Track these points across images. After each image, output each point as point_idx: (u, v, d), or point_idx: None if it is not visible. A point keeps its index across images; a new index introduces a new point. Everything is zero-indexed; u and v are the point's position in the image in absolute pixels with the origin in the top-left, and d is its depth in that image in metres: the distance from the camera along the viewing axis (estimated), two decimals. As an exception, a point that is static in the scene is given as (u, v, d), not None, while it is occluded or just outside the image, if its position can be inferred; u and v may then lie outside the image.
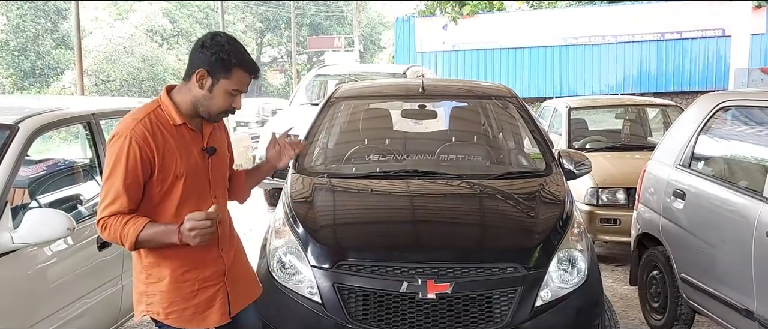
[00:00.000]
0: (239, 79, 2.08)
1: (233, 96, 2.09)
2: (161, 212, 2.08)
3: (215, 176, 2.21)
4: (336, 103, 4.29)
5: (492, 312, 2.75)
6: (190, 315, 2.16)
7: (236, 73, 2.07)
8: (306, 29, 41.21)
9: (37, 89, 26.79)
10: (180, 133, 2.10)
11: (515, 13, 18.48)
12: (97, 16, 29.67)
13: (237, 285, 2.29)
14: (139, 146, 2.00)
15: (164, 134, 2.06)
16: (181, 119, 2.10)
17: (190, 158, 2.11)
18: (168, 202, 2.08)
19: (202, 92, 2.08)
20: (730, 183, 3.49)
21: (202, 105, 2.10)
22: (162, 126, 2.06)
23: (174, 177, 2.07)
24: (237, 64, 2.06)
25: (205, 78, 2.06)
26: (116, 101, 4.83)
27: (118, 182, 1.99)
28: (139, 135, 2.01)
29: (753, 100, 3.68)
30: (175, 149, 2.07)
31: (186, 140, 2.12)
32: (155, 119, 2.07)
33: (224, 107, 2.10)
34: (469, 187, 3.57)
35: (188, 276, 2.14)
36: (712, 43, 16.30)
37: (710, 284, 3.47)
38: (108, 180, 2.01)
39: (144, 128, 2.02)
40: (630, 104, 7.81)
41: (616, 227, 5.39)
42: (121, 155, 1.99)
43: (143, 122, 2.04)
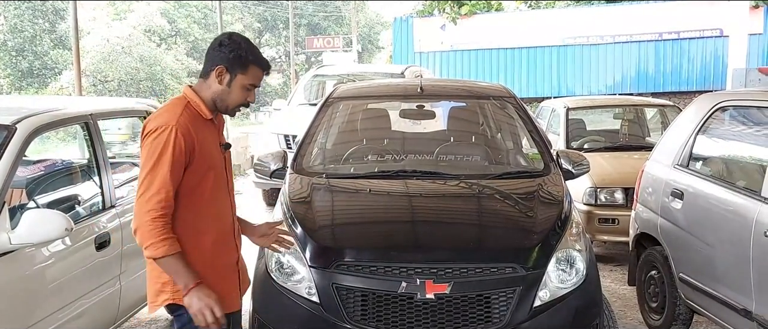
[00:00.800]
0: (254, 75, 2.24)
1: (249, 91, 2.25)
2: (191, 202, 2.18)
3: (229, 171, 2.38)
4: (334, 103, 4.29)
5: (490, 313, 2.75)
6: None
7: (252, 69, 2.22)
8: (304, 29, 41.17)
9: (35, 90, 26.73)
10: (207, 127, 2.26)
11: (513, 13, 18.48)
12: (95, 17, 29.60)
13: (243, 274, 2.45)
14: (183, 137, 2.12)
15: (198, 127, 2.20)
16: (210, 114, 2.25)
17: (215, 151, 2.28)
18: (198, 192, 2.20)
19: (221, 87, 2.22)
20: (729, 183, 3.49)
21: (221, 100, 2.24)
22: (197, 120, 2.21)
23: (206, 168, 2.21)
24: (253, 61, 2.23)
25: (224, 74, 2.21)
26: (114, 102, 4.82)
27: (164, 172, 2.08)
28: (183, 127, 2.13)
29: (751, 100, 3.69)
30: (206, 142, 2.23)
31: (210, 134, 2.27)
32: (189, 112, 2.21)
33: (240, 101, 2.25)
34: (467, 187, 3.57)
35: (218, 263, 2.27)
36: (709, 43, 16.31)
37: (708, 284, 3.48)
38: (153, 170, 2.09)
39: (186, 121, 2.16)
40: (628, 104, 7.82)
41: (614, 227, 5.39)
42: (168, 146, 2.09)
43: (183, 115, 2.17)
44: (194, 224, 2.20)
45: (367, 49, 41.99)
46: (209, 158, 2.22)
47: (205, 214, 2.22)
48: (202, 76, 2.24)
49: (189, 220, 2.18)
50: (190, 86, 2.27)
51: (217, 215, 2.27)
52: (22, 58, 27.87)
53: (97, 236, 3.17)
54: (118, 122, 6.27)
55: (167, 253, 2.07)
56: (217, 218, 2.28)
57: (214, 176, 2.25)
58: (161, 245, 2.06)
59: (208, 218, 2.23)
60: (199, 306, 2.06)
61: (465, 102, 4.70)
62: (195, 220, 2.20)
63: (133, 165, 4.35)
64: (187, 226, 2.18)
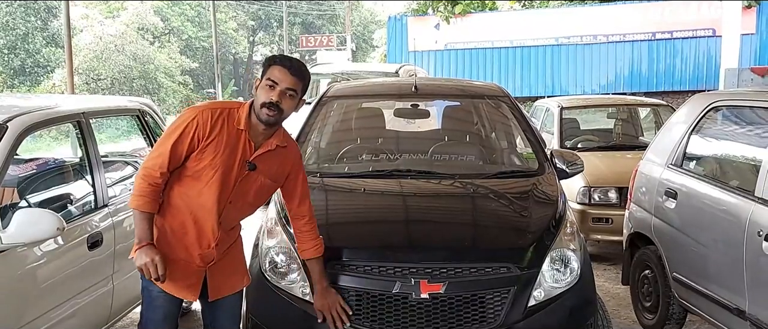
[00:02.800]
0: (273, 72, 2.38)
1: (270, 88, 2.36)
2: (186, 185, 2.40)
3: (241, 188, 2.45)
4: (328, 102, 4.27)
5: (485, 312, 2.75)
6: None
7: (272, 68, 2.39)
8: (298, 28, 41.12)
9: (27, 88, 26.55)
10: (238, 136, 2.40)
11: (507, 12, 18.52)
12: (88, 14, 29.43)
13: (219, 275, 2.54)
14: (197, 123, 2.34)
15: (223, 129, 2.37)
16: (245, 126, 2.40)
17: (231, 159, 2.39)
18: (197, 180, 2.38)
19: (255, 93, 2.42)
20: (722, 183, 3.50)
21: (255, 105, 2.40)
22: (227, 122, 2.38)
23: (209, 164, 2.36)
24: (273, 62, 2.42)
25: (256, 82, 2.44)
26: (107, 100, 4.79)
27: (169, 143, 2.34)
28: (203, 117, 2.35)
29: (744, 100, 3.70)
30: (224, 145, 2.36)
31: (239, 144, 2.40)
32: (228, 114, 2.40)
33: (263, 98, 2.36)
34: (461, 186, 3.57)
35: (179, 244, 2.44)
36: (702, 43, 16.40)
37: (702, 283, 3.49)
38: (163, 140, 2.37)
39: (211, 114, 2.36)
40: (622, 104, 7.83)
41: (608, 226, 5.40)
42: (183, 124, 2.35)
43: (214, 110, 2.39)
44: (177, 202, 2.42)
45: (361, 48, 41.96)
46: (217, 159, 2.35)
47: (190, 198, 2.40)
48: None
49: (175, 197, 2.42)
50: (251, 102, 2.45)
51: (201, 207, 2.40)
52: (14, 56, 27.71)
53: (89, 235, 3.15)
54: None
55: (138, 208, 2.34)
56: (200, 209, 2.41)
57: (215, 177, 2.36)
58: (137, 199, 2.34)
59: (191, 203, 2.41)
60: (142, 262, 2.30)
61: (459, 101, 4.69)
62: (180, 199, 2.41)
63: (125, 164, 4.32)
64: (171, 198, 2.42)
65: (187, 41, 34.46)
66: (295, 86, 2.38)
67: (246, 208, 2.55)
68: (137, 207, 2.34)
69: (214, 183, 2.37)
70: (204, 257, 2.47)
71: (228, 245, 2.56)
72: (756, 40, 15.98)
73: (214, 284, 2.54)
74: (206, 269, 2.51)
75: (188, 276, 2.48)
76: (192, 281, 2.50)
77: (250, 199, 2.52)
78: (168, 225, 2.44)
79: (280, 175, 2.56)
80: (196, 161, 2.36)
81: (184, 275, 2.47)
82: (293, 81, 2.37)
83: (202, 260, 2.48)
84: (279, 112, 2.37)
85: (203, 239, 2.45)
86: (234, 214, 2.51)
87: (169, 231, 2.44)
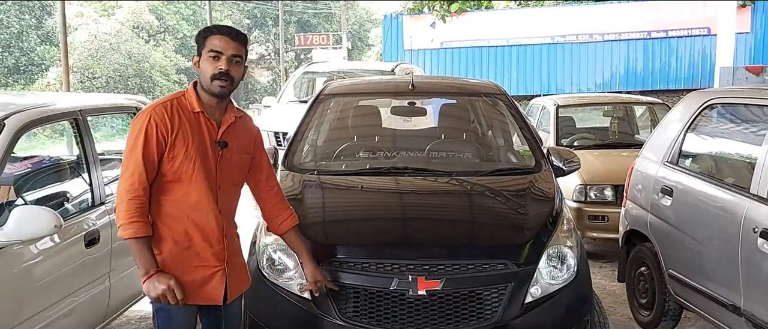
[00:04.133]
0: (213, 42, 2.29)
1: (215, 59, 2.28)
2: (171, 189, 2.30)
3: (223, 169, 2.37)
4: (325, 100, 4.27)
5: (482, 309, 2.76)
6: (187, 290, 2.29)
7: (209, 39, 2.30)
8: (293, 26, 41.04)
9: (22, 86, 26.44)
10: (197, 120, 2.32)
11: (503, 11, 18.53)
12: (83, 12, 29.34)
13: (234, 274, 2.44)
14: (155, 123, 2.24)
15: (182, 118, 2.29)
16: (199, 107, 2.32)
17: (202, 145, 2.31)
18: (179, 181, 2.29)
19: (198, 71, 2.32)
20: (717, 180, 3.52)
21: (201, 82, 2.33)
22: (182, 111, 2.30)
23: (184, 158, 2.27)
24: (208, 33, 2.32)
25: (196, 59, 2.34)
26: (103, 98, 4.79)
27: (137, 155, 2.22)
28: (158, 114, 2.26)
29: (739, 97, 3.71)
30: (189, 133, 2.28)
31: (202, 128, 2.32)
32: (177, 104, 2.31)
33: (210, 71, 2.28)
34: (458, 184, 3.57)
35: (188, 253, 2.32)
36: (697, 42, 16.44)
37: (697, 280, 3.50)
38: (129, 153, 2.25)
39: (163, 109, 2.28)
40: (617, 102, 7.85)
41: (604, 224, 5.42)
42: (141, 131, 2.24)
43: (164, 104, 2.30)
44: (170, 209, 2.30)
45: (357, 47, 41.92)
46: (190, 149, 2.27)
47: (182, 202, 2.30)
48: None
49: (166, 205, 2.31)
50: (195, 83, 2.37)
51: (195, 205, 2.31)
52: (9, 54, 27.59)
53: (86, 233, 3.14)
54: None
55: (133, 236, 2.20)
56: (195, 210, 2.31)
57: (196, 168, 2.29)
58: (129, 227, 2.20)
59: (184, 208, 2.30)
60: (158, 291, 2.20)
61: (456, 99, 4.70)
62: (172, 206, 2.30)
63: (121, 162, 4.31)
64: (163, 209, 2.30)
65: (183, 40, 34.34)
66: (239, 52, 2.31)
67: (233, 189, 2.46)
68: (132, 235, 2.19)
69: (197, 176, 2.29)
70: (218, 255, 2.37)
71: (234, 237, 2.48)
72: (751, 39, 16.03)
73: (232, 283, 2.43)
74: (225, 267, 2.39)
75: (209, 280, 2.36)
76: (215, 283, 2.37)
77: (234, 179, 2.44)
78: (171, 241, 2.31)
79: (249, 145, 2.49)
80: (170, 161, 2.26)
81: (204, 280, 2.35)
82: (236, 46, 2.29)
83: (217, 259, 2.37)
84: (230, 81, 2.29)
85: (211, 237, 2.35)
86: (227, 199, 2.42)
87: (175, 246, 2.31)
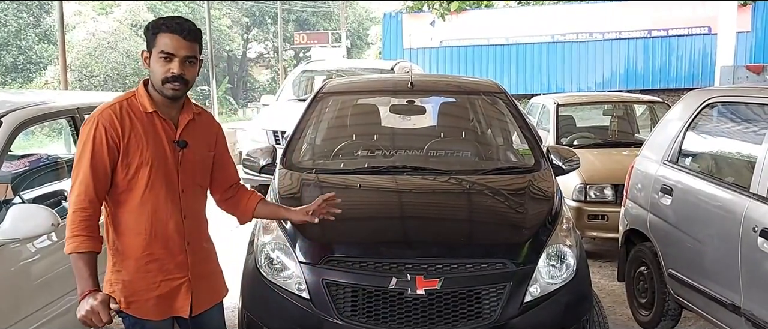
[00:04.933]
0: (163, 42, 2.10)
1: (166, 61, 2.10)
2: (127, 199, 2.13)
3: (185, 170, 2.21)
4: (324, 98, 4.26)
5: (481, 308, 2.75)
6: (151, 305, 2.18)
7: (159, 37, 2.10)
8: (292, 25, 41.00)
9: (20, 85, 26.42)
10: (151, 121, 2.15)
11: (503, 9, 18.52)
12: (80, 11, 29.28)
13: (201, 283, 2.27)
14: (104, 128, 2.07)
15: (133, 121, 2.11)
16: (152, 107, 2.15)
17: (159, 147, 2.14)
18: (134, 189, 2.12)
19: (148, 69, 2.14)
20: (718, 179, 3.51)
21: (152, 83, 2.15)
22: (132, 113, 2.13)
23: (139, 163, 2.11)
24: (158, 29, 2.11)
25: (145, 57, 2.15)
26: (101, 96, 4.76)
27: (85, 164, 2.05)
28: (105, 119, 2.08)
29: (740, 96, 3.70)
30: (143, 136, 2.11)
31: (157, 129, 2.15)
32: (127, 106, 2.14)
33: (162, 75, 2.11)
34: (457, 183, 3.56)
35: (151, 267, 2.16)
36: (698, 41, 16.44)
37: (697, 279, 3.49)
38: (77, 163, 2.08)
39: (112, 113, 2.10)
40: (617, 101, 7.84)
41: (603, 223, 5.40)
42: (89, 139, 2.06)
43: (113, 107, 2.11)
44: (128, 221, 2.14)
45: (356, 45, 41.90)
46: (144, 153, 2.10)
47: (139, 212, 2.13)
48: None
49: (123, 217, 2.14)
50: (146, 82, 2.19)
51: (153, 214, 2.13)
52: (6, 52, 27.55)
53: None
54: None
55: (73, 250, 2.02)
56: (154, 218, 2.13)
57: (154, 173, 2.12)
58: (70, 242, 2.02)
59: (142, 217, 2.13)
60: (80, 315, 2.00)
61: (455, 98, 4.68)
62: (129, 218, 2.14)
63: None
64: (121, 223, 2.15)
65: (182, 38, 34.27)
66: (193, 51, 2.12)
67: (198, 190, 2.29)
68: (74, 250, 2.00)
69: (155, 182, 2.12)
70: (180, 265, 2.21)
71: (201, 244, 2.29)
72: (751, 38, 16.04)
73: (199, 294, 2.25)
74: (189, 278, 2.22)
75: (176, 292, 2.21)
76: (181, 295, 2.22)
77: (198, 179, 2.28)
78: (132, 258, 2.15)
79: (211, 143, 2.34)
80: (124, 168, 2.09)
81: (172, 293, 2.20)
82: (189, 46, 2.10)
83: (180, 269, 2.20)
84: (184, 83, 2.12)
85: (172, 246, 2.18)
86: (192, 202, 2.24)
87: (136, 262, 2.15)
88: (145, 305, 2.17)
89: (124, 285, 2.15)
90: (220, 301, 2.40)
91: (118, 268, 2.16)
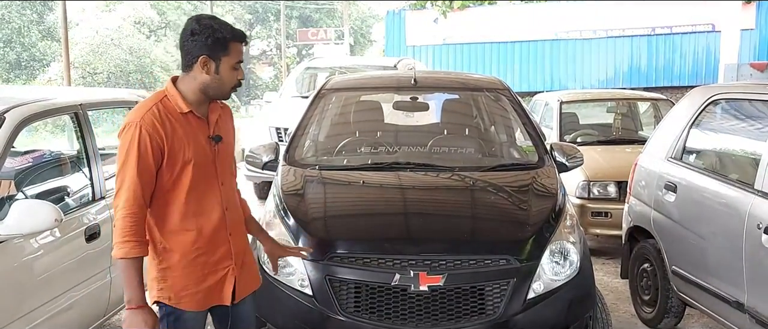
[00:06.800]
0: (236, 51, 2.17)
1: (237, 69, 2.18)
2: (172, 199, 2.17)
3: (222, 164, 2.28)
4: (327, 94, 4.25)
5: (484, 305, 2.74)
6: (201, 297, 2.24)
7: (232, 46, 2.15)
8: (295, 22, 40.97)
9: (23, 81, 26.48)
10: (187, 120, 2.18)
11: (506, 6, 18.45)
12: (84, 8, 29.31)
13: (244, 272, 2.35)
14: (148, 133, 2.07)
15: (172, 122, 2.13)
16: (187, 107, 2.17)
17: (198, 145, 2.18)
18: (178, 188, 2.16)
19: (210, 76, 2.15)
20: (722, 176, 3.50)
21: (213, 88, 2.18)
22: (170, 114, 2.14)
23: (183, 163, 2.14)
24: (231, 38, 2.15)
25: (209, 63, 2.14)
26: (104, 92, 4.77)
27: (131, 170, 2.06)
28: (148, 123, 2.09)
29: (744, 93, 3.69)
30: (183, 136, 2.15)
31: (193, 127, 2.19)
32: (163, 107, 2.14)
33: (233, 82, 2.19)
34: (461, 179, 3.56)
35: (199, 261, 2.21)
36: (702, 38, 16.37)
37: (701, 276, 3.48)
38: (121, 169, 2.08)
39: (152, 117, 2.10)
40: (621, 98, 7.82)
41: (607, 220, 5.39)
42: (133, 144, 2.07)
43: (151, 111, 2.12)
44: (174, 219, 2.17)
45: (359, 43, 41.87)
46: (186, 153, 2.14)
47: (186, 211, 2.17)
48: (185, 69, 2.17)
49: (170, 217, 2.17)
50: (173, 80, 2.21)
51: (200, 211, 2.19)
52: (10, 49, 27.60)
53: (86, 227, 3.13)
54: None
55: (124, 256, 2.06)
56: (201, 215, 2.19)
57: (196, 170, 2.16)
58: (120, 247, 2.06)
59: (189, 216, 2.18)
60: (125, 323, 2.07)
61: (459, 94, 4.67)
62: (175, 216, 2.17)
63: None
64: (168, 222, 2.18)
65: (184, 35, 34.31)
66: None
67: (232, 181, 2.36)
68: (125, 255, 2.04)
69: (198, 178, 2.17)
70: (225, 255, 2.27)
71: (241, 232, 2.37)
72: (755, 36, 15.96)
73: (240, 281, 2.33)
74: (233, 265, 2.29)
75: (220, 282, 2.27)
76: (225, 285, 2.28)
77: (231, 170, 2.35)
78: (179, 253, 2.19)
79: (232, 132, 2.40)
80: (169, 170, 2.13)
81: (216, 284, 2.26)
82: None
83: (224, 259, 2.27)
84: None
85: (217, 238, 2.24)
86: (230, 194, 2.32)
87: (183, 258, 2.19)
88: (194, 298, 2.23)
89: (173, 282, 2.20)
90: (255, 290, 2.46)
91: (165, 265, 2.19)
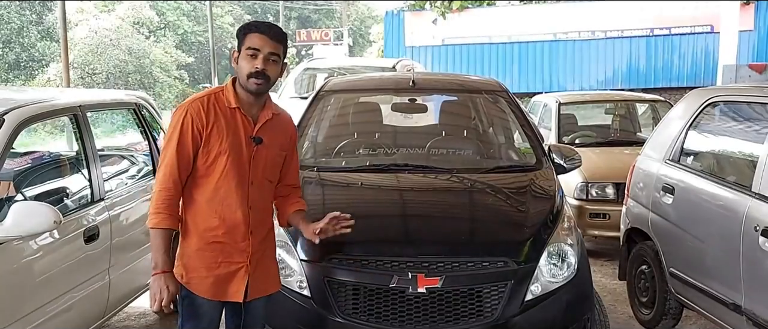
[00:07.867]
0: (252, 40, 2.31)
1: (252, 57, 2.29)
2: (203, 184, 2.33)
3: (257, 165, 2.38)
4: (326, 96, 4.26)
5: (482, 307, 2.75)
6: (209, 284, 2.35)
7: (249, 36, 2.32)
8: (294, 22, 40.99)
9: (22, 82, 26.43)
10: (233, 115, 2.34)
11: (505, 7, 18.46)
12: (83, 8, 29.26)
13: (258, 273, 2.43)
14: (192, 117, 2.28)
15: (217, 113, 2.32)
16: (236, 103, 2.34)
17: (236, 140, 2.33)
18: (211, 175, 2.32)
19: (236, 66, 2.35)
20: (719, 178, 3.51)
21: (239, 79, 2.35)
22: (219, 106, 2.33)
23: (218, 152, 2.30)
24: (248, 30, 2.34)
25: (235, 54, 2.36)
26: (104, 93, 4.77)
27: (172, 148, 2.28)
28: (194, 109, 2.30)
29: (742, 95, 3.70)
30: (225, 128, 2.31)
31: (237, 123, 2.34)
32: (214, 99, 2.35)
33: (247, 69, 2.30)
34: (459, 181, 3.56)
35: (213, 247, 2.34)
36: (700, 39, 16.38)
37: (698, 278, 3.49)
38: (166, 146, 2.31)
39: (200, 104, 2.31)
40: (619, 100, 7.83)
41: (605, 222, 5.41)
42: (177, 125, 2.29)
43: (201, 99, 2.34)
44: (201, 203, 2.33)
45: (358, 43, 41.88)
46: (223, 143, 2.29)
47: (212, 197, 2.32)
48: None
49: (198, 199, 2.34)
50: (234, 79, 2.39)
51: (225, 203, 2.32)
52: (9, 50, 27.56)
53: (85, 229, 3.14)
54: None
55: (154, 226, 2.25)
56: (224, 204, 2.32)
57: (229, 163, 2.30)
58: (153, 217, 2.26)
59: (214, 202, 2.32)
60: (155, 290, 2.24)
61: (457, 96, 4.68)
62: (202, 200, 2.33)
63: (122, 158, 4.31)
64: (195, 204, 2.34)
65: (183, 36, 34.29)
66: (277, 50, 2.32)
67: (266, 185, 2.45)
68: (155, 225, 2.25)
69: (229, 171, 2.30)
70: (243, 251, 2.36)
71: (263, 235, 2.45)
72: (754, 37, 15.96)
73: (254, 281, 2.41)
74: (247, 263, 2.38)
75: (232, 277, 2.37)
76: (237, 280, 2.37)
77: (268, 174, 2.44)
78: (196, 235, 2.34)
79: (285, 143, 2.49)
80: (204, 155, 2.30)
81: (229, 277, 2.37)
82: (274, 45, 2.31)
83: (241, 255, 2.37)
84: (266, 79, 2.31)
85: (236, 233, 2.34)
86: (259, 196, 2.40)
87: (199, 240, 2.34)
88: (202, 282, 2.34)
89: (187, 262, 2.36)
90: (270, 294, 2.53)
91: (186, 245, 2.37)
